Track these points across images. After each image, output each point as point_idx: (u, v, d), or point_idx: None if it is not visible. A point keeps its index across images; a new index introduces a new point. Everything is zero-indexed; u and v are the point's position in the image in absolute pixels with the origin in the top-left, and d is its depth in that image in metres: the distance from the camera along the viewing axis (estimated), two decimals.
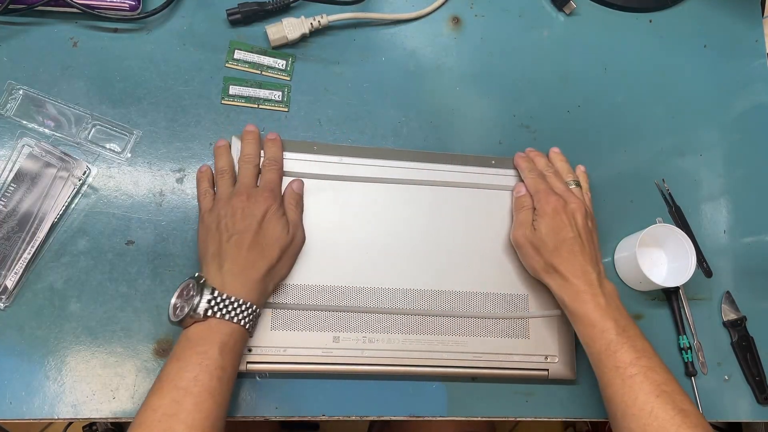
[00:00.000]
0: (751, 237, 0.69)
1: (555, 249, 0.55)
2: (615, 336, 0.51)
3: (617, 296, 0.55)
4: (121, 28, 0.63)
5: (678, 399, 0.49)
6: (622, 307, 0.54)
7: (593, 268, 0.55)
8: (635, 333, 0.52)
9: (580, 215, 0.57)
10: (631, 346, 0.51)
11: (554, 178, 0.61)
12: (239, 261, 0.52)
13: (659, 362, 0.52)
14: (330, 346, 0.57)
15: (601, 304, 0.53)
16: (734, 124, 0.72)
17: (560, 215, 0.56)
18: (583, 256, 0.55)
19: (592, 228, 0.58)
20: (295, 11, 0.66)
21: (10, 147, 0.58)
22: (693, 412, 0.49)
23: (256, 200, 0.54)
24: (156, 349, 0.56)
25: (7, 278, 0.55)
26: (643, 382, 0.49)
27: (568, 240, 0.55)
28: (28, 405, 0.54)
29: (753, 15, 0.76)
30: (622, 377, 0.50)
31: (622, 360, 0.50)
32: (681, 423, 0.47)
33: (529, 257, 0.58)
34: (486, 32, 0.70)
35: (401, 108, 0.66)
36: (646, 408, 0.48)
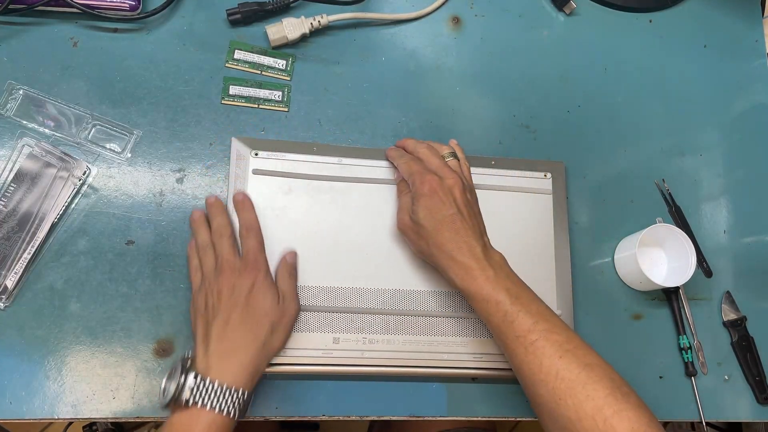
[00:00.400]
0: (751, 237, 0.69)
1: (436, 230, 0.53)
2: (509, 306, 0.50)
3: (506, 264, 0.54)
4: (121, 28, 0.63)
5: (581, 354, 0.48)
6: (512, 274, 0.53)
7: (477, 241, 0.53)
8: (529, 298, 0.52)
9: (457, 190, 0.54)
10: (527, 312, 0.50)
11: (429, 155, 0.58)
12: (225, 343, 0.51)
13: (557, 322, 0.51)
14: (330, 347, 0.57)
15: (490, 277, 0.51)
16: (734, 124, 0.72)
17: (436, 194, 0.54)
18: (466, 231, 0.53)
19: (472, 200, 0.57)
20: (295, 11, 0.66)
21: (10, 147, 0.58)
22: (598, 364, 0.48)
23: (241, 274, 0.53)
24: (156, 349, 0.56)
25: (7, 278, 0.55)
26: (545, 347, 0.48)
27: (447, 218, 0.53)
28: (28, 405, 0.54)
29: (753, 15, 0.76)
30: (524, 345, 0.49)
31: (520, 328, 0.49)
32: (587, 379, 0.47)
33: (413, 242, 0.56)
34: (486, 32, 0.70)
35: (401, 108, 0.66)
36: (551, 371, 0.48)
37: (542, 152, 0.67)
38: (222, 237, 0.55)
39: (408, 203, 0.56)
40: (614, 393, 0.46)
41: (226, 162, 0.61)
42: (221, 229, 0.56)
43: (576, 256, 0.65)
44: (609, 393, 0.46)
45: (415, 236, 0.56)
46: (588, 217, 0.67)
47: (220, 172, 0.61)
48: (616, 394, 0.46)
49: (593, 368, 0.48)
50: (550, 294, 0.61)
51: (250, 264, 0.54)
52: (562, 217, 0.64)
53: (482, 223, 0.57)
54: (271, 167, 0.60)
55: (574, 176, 0.67)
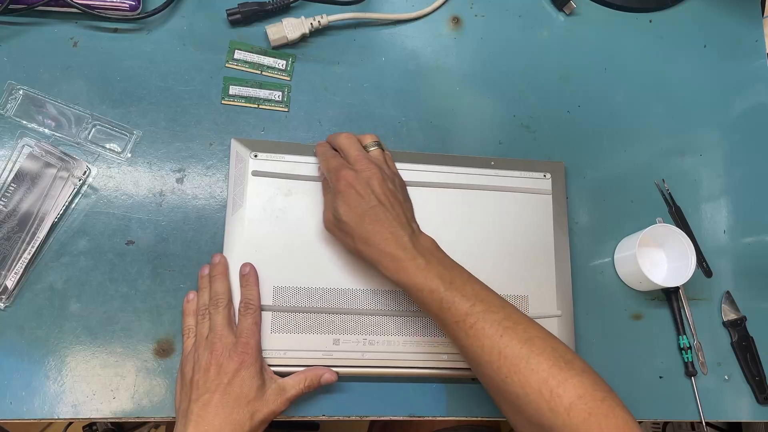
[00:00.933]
0: (751, 237, 0.69)
1: (358, 225, 0.52)
2: (444, 292, 0.49)
3: (437, 248, 0.53)
4: (121, 28, 0.63)
5: (521, 330, 0.48)
6: (444, 258, 0.52)
7: (403, 230, 0.52)
8: (463, 280, 0.51)
9: (376, 180, 0.53)
10: (462, 295, 0.49)
11: (347, 146, 0.56)
12: (203, 426, 0.49)
13: (494, 301, 0.50)
14: (330, 348, 0.57)
15: (421, 265, 0.50)
16: (734, 124, 0.72)
17: (353, 189, 0.52)
18: (390, 222, 0.52)
19: (395, 188, 0.55)
20: (295, 11, 0.66)
21: (10, 147, 0.58)
22: (538, 337, 0.48)
23: (230, 355, 0.52)
24: (156, 349, 0.56)
25: (7, 278, 0.55)
26: (484, 328, 0.48)
27: (368, 212, 0.52)
28: (28, 405, 0.54)
29: (753, 15, 0.76)
30: (464, 330, 0.49)
31: (458, 313, 0.49)
32: (529, 353, 0.46)
33: (341, 240, 0.56)
34: (486, 32, 0.70)
35: (401, 108, 0.66)
36: (494, 351, 0.47)
37: (542, 152, 0.67)
38: (218, 307, 0.54)
39: (330, 201, 0.55)
40: (557, 363, 0.46)
41: (226, 162, 0.61)
42: (218, 297, 0.55)
43: (576, 256, 0.65)
44: (552, 364, 0.46)
45: (341, 234, 0.55)
46: (588, 217, 0.67)
47: (220, 173, 0.61)
48: (560, 363, 0.46)
49: (534, 342, 0.47)
50: (550, 294, 0.62)
51: (241, 345, 0.53)
52: (562, 217, 0.64)
53: (409, 210, 0.55)
54: (270, 169, 0.60)
55: (574, 176, 0.67)
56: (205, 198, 0.60)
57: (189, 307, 0.57)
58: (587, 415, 0.44)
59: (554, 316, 0.61)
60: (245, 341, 0.53)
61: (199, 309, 0.56)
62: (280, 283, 0.57)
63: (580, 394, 0.45)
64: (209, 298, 0.55)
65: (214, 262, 0.57)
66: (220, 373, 0.51)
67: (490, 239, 0.62)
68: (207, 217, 0.60)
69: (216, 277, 0.56)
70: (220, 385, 0.51)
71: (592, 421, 0.44)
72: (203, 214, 0.60)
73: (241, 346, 0.53)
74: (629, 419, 0.44)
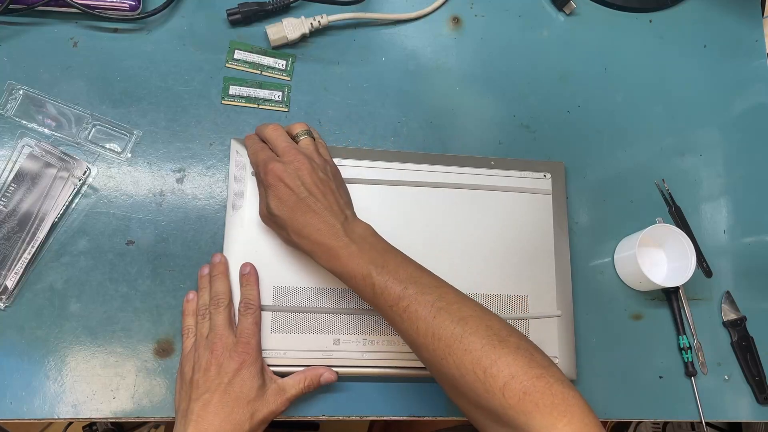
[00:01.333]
0: (751, 237, 0.69)
1: (291, 218, 0.51)
2: (376, 277, 0.48)
3: (371, 234, 0.52)
4: (121, 28, 0.63)
5: (455, 310, 0.47)
6: (378, 243, 0.51)
7: (336, 218, 0.51)
8: (396, 263, 0.50)
9: (305, 170, 0.52)
10: (395, 279, 0.48)
11: (274, 138, 0.55)
12: (203, 425, 0.49)
13: (428, 281, 0.49)
14: (330, 348, 0.57)
15: (353, 252, 0.50)
16: (734, 124, 0.72)
17: (282, 182, 0.52)
18: (321, 212, 0.51)
19: (326, 177, 0.54)
20: (295, 11, 0.66)
21: (10, 147, 0.58)
22: (473, 316, 0.47)
23: (230, 355, 0.52)
24: (156, 349, 0.56)
25: (7, 278, 0.55)
26: (417, 310, 0.47)
27: (299, 204, 0.51)
28: (28, 405, 0.54)
29: (753, 15, 0.76)
30: (399, 314, 0.48)
31: (390, 297, 0.48)
32: (462, 332, 0.45)
33: (277, 234, 0.56)
34: (486, 32, 0.70)
35: (401, 108, 0.66)
36: (428, 333, 0.46)
37: (542, 152, 0.67)
38: (219, 307, 0.54)
39: (261, 196, 0.55)
40: (491, 341, 0.45)
41: (226, 162, 0.61)
42: (219, 297, 0.55)
43: (576, 256, 0.65)
44: (486, 343, 0.45)
45: (276, 227, 0.55)
46: (588, 217, 0.67)
47: (220, 172, 0.61)
48: (493, 341, 0.45)
49: (468, 321, 0.46)
50: (550, 294, 0.62)
51: (242, 345, 0.53)
52: (562, 217, 0.64)
53: (343, 197, 0.54)
54: None
55: (574, 176, 0.67)
56: (205, 198, 0.60)
57: (189, 306, 0.57)
58: (522, 395, 0.42)
59: (554, 316, 0.61)
60: (246, 341, 0.53)
61: (199, 309, 0.56)
62: (280, 283, 0.57)
63: (513, 373, 0.43)
64: (210, 298, 0.55)
65: (214, 261, 0.57)
66: (221, 373, 0.51)
67: (490, 239, 0.62)
68: (207, 217, 0.60)
69: (217, 277, 0.56)
70: (220, 385, 0.51)
71: (527, 400, 0.42)
72: (203, 214, 0.60)
73: (242, 346, 0.53)
74: (568, 394, 0.43)
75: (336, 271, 0.51)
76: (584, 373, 0.61)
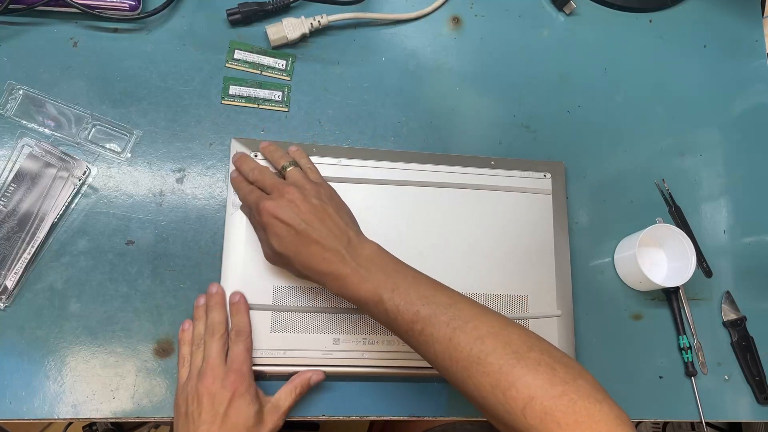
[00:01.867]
0: (751, 237, 0.69)
1: (295, 253, 0.51)
2: (388, 302, 0.47)
3: (379, 254, 0.50)
4: (121, 28, 0.63)
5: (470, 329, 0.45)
6: (387, 263, 0.50)
7: (339, 242, 0.50)
8: (407, 283, 0.48)
9: (298, 202, 0.51)
10: (407, 301, 0.47)
11: (263, 179, 0.55)
12: None
13: (442, 300, 0.47)
14: (330, 348, 0.57)
15: (363, 277, 0.48)
16: (734, 124, 0.72)
17: (277, 220, 0.51)
18: (324, 240, 0.50)
19: (322, 201, 0.52)
20: (295, 11, 0.66)
21: (10, 147, 0.58)
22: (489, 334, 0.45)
23: (222, 384, 0.51)
24: (156, 349, 0.56)
25: (7, 278, 0.55)
26: (432, 333, 0.46)
27: (299, 237, 0.50)
28: (28, 405, 0.54)
29: (753, 15, 0.76)
30: (415, 337, 0.47)
31: (404, 321, 0.47)
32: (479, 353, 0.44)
33: (288, 270, 0.55)
34: (486, 32, 0.70)
35: (401, 108, 0.66)
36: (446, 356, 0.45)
37: (542, 152, 0.67)
38: (213, 336, 0.54)
39: (262, 237, 0.54)
40: (509, 361, 0.43)
41: (226, 162, 0.61)
42: (214, 327, 0.54)
43: (576, 256, 0.65)
44: (504, 363, 0.43)
45: (284, 265, 0.54)
46: (588, 217, 0.67)
47: (220, 172, 0.61)
48: (511, 360, 0.43)
49: (485, 340, 0.44)
50: (550, 294, 0.62)
51: (233, 373, 0.52)
52: (562, 217, 0.64)
53: (344, 218, 0.52)
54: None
55: (574, 176, 0.67)
56: (205, 198, 0.60)
57: (184, 336, 0.56)
58: (543, 415, 0.41)
59: (554, 316, 0.61)
60: (237, 369, 0.53)
61: (194, 339, 0.55)
62: (280, 282, 0.57)
63: (533, 393, 0.42)
64: (205, 328, 0.55)
65: (211, 291, 0.56)
66: (215, 404, 0.51)
67: (490, 239, 0.62)
68: (207, 217, 0.60)
69: (213, 307, 0.55)
70: (216, 416, 0.50)
71: (548, 420, 0.40)
72: (203, 214, 0.60)
73: (233, 374, 0.52)
74: (594, 409, 0.41)
75: (348, 298, 0.50)
76: None
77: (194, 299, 0.57)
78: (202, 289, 0.58)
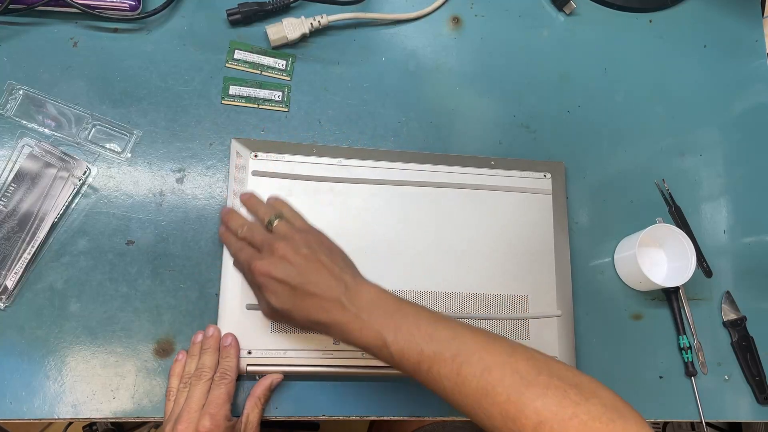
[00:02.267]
0: (751, 237, 0.69)
1: (295, 307, 0.50)
2: (393, 345, 0.47)
3: (377, 294, 0.50)
4: (121, 28, 0.63)
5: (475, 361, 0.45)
6: (387, 303, 0.49)
7: (336, 290, 0.49)
8: (409, 322, 0.47)
9: (290, 255, 0.50)
10: (410, 342, 0.46)
11: (253, 234, 0.54)
12: None
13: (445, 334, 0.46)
14: (330, 348, 0.57)
15: (364, 323, 0.48)
16: (734, 124, 0.72)
17: (271, 278, 0.50)
18: (320, 289, 0.49)
19: (312, 250, 0.51)
20: (295, 11, 0.66)
21: (10, 147, 0.58)
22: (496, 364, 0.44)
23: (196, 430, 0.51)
24: (156, 349, 0.56)
25: (7, 278, 0.55)
26: (439, 371, 0.45)
27: (296, 292, 0.50)
28: (28, 405, 0.54)
29: (753, 15, 0.76)
30: (423, 376, 0.46)
31: (410, 362, 0.46)
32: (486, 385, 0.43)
33: (289, 324, 0.56)
34: (486, 32, 0.70)
35: (401, 108, 0.66)
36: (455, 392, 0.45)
37: (542, 152, 0.67)
38: (200, 380, 0.53)
39: (260, 296, 0.54)
40: (518, 389, 0.43)
41: (226, 162, 0.61)
42: (203, 370, 0.54)
43: (576, 256, 0.65)
44: (512, 391, 0.43)
45: (287, 320, 0.54)
46: (588, 217, 0.67)
47: (220, 172, 0.61)
48: (520, 388, 0.43)
49: (492, 370, 0.44)
50: (550, 294, 0.62)
51: (207, 416, 0.51)
52: (562, 217, 0.64)
53: (337, 264, 0.51)
54: (270, 169, 0.60)
55: (574, 176, 0.67)
56: (205, 198, 0.60)
57: (176, 367, 0.56)
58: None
59: (554, 316, 0.61)
60: (213, 412, 0.52)
61: (184, 375, 0.55)
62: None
63: (542, 419, 0.41)
64: (196, 368, 0.55)
65: (207, 333, 0.56)
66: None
67: (491, 239, 0.62)
68: (207, 217, 0.60)
69: (206, 351, 0.55)
70: None
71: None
72: (203, 214, 0.60)
73: (207, 418, 0.51)
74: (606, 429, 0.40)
75: (352, 344, 0.49)
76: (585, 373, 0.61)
77: (194, 299, 0.58)
78: (202, 289, 0.58)
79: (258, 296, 0.55)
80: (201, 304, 0.58)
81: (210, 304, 0.58)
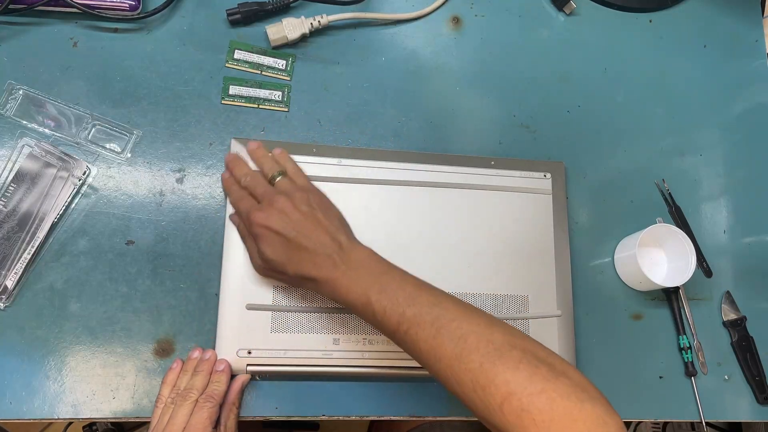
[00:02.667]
0: (751, 237, 0.69)
1: (288, 260, 0.51)
2: (376, 303, 0.48)
3: (368, 256, 0.51)
4: (121, 28, 0.63)
5: (454, 327, 0.45)
6: (376, 265, 0.50)
7: (329, 247, 0.50)
8: (394, 285, 0.48)
9: (288, 211, 0.52)
10: (393, 303, 0.47)
11: (255, 187, 0.55)
12: None
13: (427, 299, 0.48)
14: (330, 348, 0.57)
15: (352, 280, 0.49)
16: (734, 124, 0.72)
17: (269, 230, 0.51)
18: (314, 246, 0.50)
19: (311, 207, 0.53)
20: (295, 11, 0.66)
21: (10, 147, 0.58)
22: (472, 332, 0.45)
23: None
24: (156, 349, 0.56)
25: (7, 278, 0.55)
26: (417, 333, 0.46)
27: (290, 245, 0.51)
28: (28, 405, 0.54)
29: (753, 15, 0.76)
30: (401, 337, 0.47)
31: (391, 323, 0.47)
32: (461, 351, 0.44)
33: (280, 280, 0.56)
34: (486, 32, 0.70)
35: (401, 108, 0.66)
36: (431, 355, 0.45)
37: (542, 152, 0.67)
38: (185, 401, 0.53)
39: (252, 247, 0.55)
40: (490, 358, 0.43)
41: None
42: (191, 391, 0.54)
43: (576, 256, 0.65)
44: (485, 360, 0.43)
45: (277, 274, 0.54)
46: (588, 217, 0.67)
47: (220, 172, 0.61)
48: (492, 358, 0.43)
49: (467, 338, 0.45)
50: (550, 294, 0.62)
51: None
52: (562, 217, 0.64)
53: (334, 223, 0.53)
54: None
55: (574, 176, 0.67)
56: (205, 198, 0.60)
57: (169, 376, 0.55)
58: (520, 411, 0.40)
59: (554, 316, 0.61)
60: None
61: (174, 388, 0.55)
62: (280, 283, 0.57)
63: (512, 390, 0.41)
64: (183, 388, 0.54)
65: (203, 357, 0.56)
66: None
67: (490, 239, 0.62)
68: (207, 217, 0.60)
69: (199, 373, 0.55)
70: None
71: (525, 417, 0.40)
72: (203, 214, 0.60)
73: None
74: (574, 408, 0.40)
75: (339, 301, 0.51)
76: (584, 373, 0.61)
77: (194, 299, 0.58)
78: (202, 289, 0.58)
79: (251, 248, 0.55)
80: (201, 304, 0.58)
81: (210, 304, 0.58)
